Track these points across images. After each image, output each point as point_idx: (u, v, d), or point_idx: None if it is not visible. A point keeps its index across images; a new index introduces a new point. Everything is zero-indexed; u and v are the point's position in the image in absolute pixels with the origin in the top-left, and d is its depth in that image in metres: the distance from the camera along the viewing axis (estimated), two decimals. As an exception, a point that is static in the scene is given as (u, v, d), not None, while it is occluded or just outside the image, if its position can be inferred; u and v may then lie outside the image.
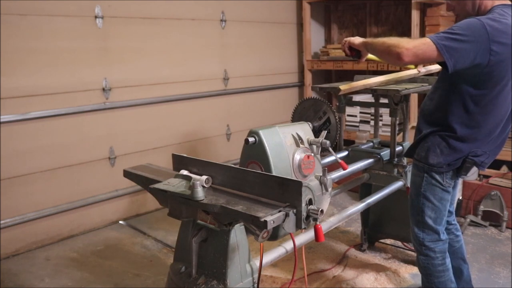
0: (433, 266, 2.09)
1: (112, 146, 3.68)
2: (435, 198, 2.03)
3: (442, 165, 1.97)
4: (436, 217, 2.06)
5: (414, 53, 1.72)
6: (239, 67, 4.54)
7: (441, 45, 1.71)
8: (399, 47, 1.73)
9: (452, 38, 1.72)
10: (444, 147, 1.95)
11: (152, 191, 1.64)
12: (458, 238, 2.32)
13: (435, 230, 2.07)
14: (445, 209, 2.07)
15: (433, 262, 2.08)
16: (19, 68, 3.11)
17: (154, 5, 3.77)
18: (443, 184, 2.01)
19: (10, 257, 3.20)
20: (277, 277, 2.79)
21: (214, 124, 4.43)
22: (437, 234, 2.08)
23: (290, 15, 5.03)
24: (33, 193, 3.28)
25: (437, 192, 2.02)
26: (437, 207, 2.04)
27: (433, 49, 1.71)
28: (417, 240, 2.11)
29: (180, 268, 1.68)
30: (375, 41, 1.95)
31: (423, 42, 1.73)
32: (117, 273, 2.94)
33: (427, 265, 2.10)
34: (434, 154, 1.97)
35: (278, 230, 1.65)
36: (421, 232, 2.09)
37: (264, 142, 1.70)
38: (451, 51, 1.71)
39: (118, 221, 3.80)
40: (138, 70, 3.75)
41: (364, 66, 4.40)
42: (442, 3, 4.07)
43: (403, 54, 1.72)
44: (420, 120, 2.09)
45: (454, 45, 1.71)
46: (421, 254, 2.11)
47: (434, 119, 2.00)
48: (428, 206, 2.04)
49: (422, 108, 2.10)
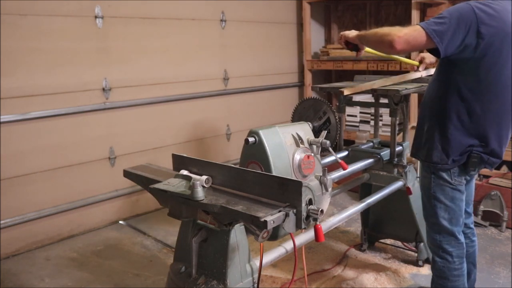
0: (449, 270, 2.05)
1: (112, 146, 3.68)
2: (446, 198, 2.00)
3: (446, 161, 1.94)
4: (451, 217, 2.02)
5: (405, 40, 1.73)
6: (239, 67, 4.54)
7: (431, 30, 1.73)
8: (391, 35, 1.75)
9: (441, 22, 1.74)
10: (444, 141, 1.92)
11: (152, 191, 1.64)
12: (473, 243, 2.28)
13: (451, 231, 2.03)
14: (459, 209, 2.03)
15: (449, 266, 2.05)
16: (19, 68, 3.11)
17: (154, 5, 3.77)
18: (452, 183, 1.97)
19: (10, 257, 3.20)
20: (277, 277, 2.79)
21: (214, 124, 4.43)
22: (453, 236, 2.03)
23: (290, 15, 5.03)
24: (33, 193, 3.28)
25: (447, 192, 1.99)
26: (449, 207, 2.00)
27: (423, 35, 1.73)
28: (434, 242, 2.08)
29: (180, 268, 1.68)
30: (368, 33, 1.98)
31: (414, 29, 1.75)
32: (117, 273, 2.93)
33: (443, 268, 2.06)
34: (436, 151, 1.95)
35: (278, 230, 1.65)
36: (437, 234, 2.05)
37: (264, 142, 1.70)
38: (441, 35, 1.72)
39: (118, 221, 3.80)
40: (138, 70, 3.75)
41: (364, 66, 4.41)
42: (442, 3, 4.07)
43: (395, 42, 1.73)
44: (420, 116, 2.07)
45: (442, 28, 1.72)
46: (438, 257, 2.08)
47: (432, 112, 1.98)
48: (440, 207, 2.01)
49: (421, 103, 2.09)
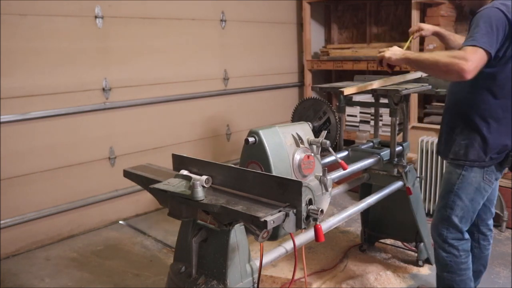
0: (456, 264, 2.09)
1: (112, 146, 3.68)
2: (467, 198, 2.03)
3: (484, 159, 1.98)
4: (463, 216, 2.06)
5: (475, 67, 1.75)
6: (239, 67, 4.54)
7: (485, 45, 1.76)
8: (459, 65, 1.73)
9: (484, 33, 1.77)
10: (482, 140, 1.97)
11: (152, 191, 1.64)
12: (489, 246, 2.32)
13: (460, 229, 2.07)
14: (473, 210, 2.07)
15: (456, 260, 2.09)
16: (19, 68, 3.11)
17: (154, 5, 3.77)
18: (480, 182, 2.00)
19: (10, 257, 3.20)
20: (277, 277, 2.79)
21: (214, 124, 4.43)
22: (461, 233, 2.08)
23: (290, 15, 5.03)
24: (33, 193, 3.28)
25: (470, 192, 2.02)
26: (466, 207, 2.04)
27: (483, 53, 1.76)
28: (440, 236, 2.11)
29: (180, 268, 1.67)
30: (422, 59, 1.91)
31: (473, 51, 1.75)
32: (117, 273, 2.93)
33: (450, 262, 2.10)
34: (473, 149, 1.98)
35: (278, 230, 1.65)
36: (445, 229, 2.09)
37: (264, 142, 1.70)
38: (492, 44, 1.77)
39: (118, 221, 3.80)
40: (138, 70, 3.75)
41: (364, 66, 4.41)
42: (442, 3, 4.07)
43: (466, 72, 1.73)
44: (447, 117, 2.10)
45: (489, 38, 1.77)
46: (444, 251, 2.11)
47: (462, 112, 2.01)
48: (458, 205, 2.05)
49: (447, 104, 2.10)
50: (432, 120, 4.11)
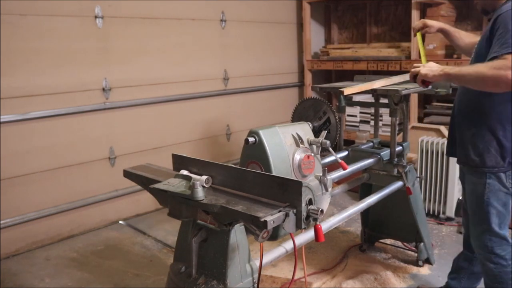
0: (506, 274, 2.03)
1: (112, 146, 3.68)
2: (498, 204, 1.99)
3: (502, 164, 1.94)
4: (501, 222, 2.01)
5: None
6: (239, 67, 4.54)
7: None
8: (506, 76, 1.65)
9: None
10: (498, 144, 1.92)
11: (152, 191, 1.64)
12: None
13: (502, 235, 2.02)
14: (508, 213, 2.02)
15: (505, 270, 2.02)
16: (19, 68, 3.11)
17: (154, 5, 3.77)
18: (507, 186, 1.96)
19: (10, 257, 3.20)
20: (277, 277, 2.79)
21: (214, 124, 4.43)
22: (505, 239, 2.03)
23: (290, 15, 5.03)
24: (33, 193, 3.28)
25: (501, 197, 1.98)
26: (501, 213, 2.00)
27: None
28: (485, 249, 2.05)
29: (180, 268, 1.68)
30: (464, 73, 1.83)
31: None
32: (117, 273, 2.93)
33: (500, 273, 2.03)
34: (490, 155, 1.94)
35: (278, 230, 1.65)
36: (489, 240, 2.03)
37: (264, 142, 1.70)
38: None
39: (118, 221, 3.80)
40: (138, 70, 3.75)
41: (364, 66, 4.41)
42: (442, 3, 4.07)
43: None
44: (459, 122, 2.05)
45: None
46: (491, 262, 2.04)
47: (475, 115, 1.97)
48: (493, 213, 1.99)
49: (458, 108, 2.06)
50: (432, 120, 4.11)
